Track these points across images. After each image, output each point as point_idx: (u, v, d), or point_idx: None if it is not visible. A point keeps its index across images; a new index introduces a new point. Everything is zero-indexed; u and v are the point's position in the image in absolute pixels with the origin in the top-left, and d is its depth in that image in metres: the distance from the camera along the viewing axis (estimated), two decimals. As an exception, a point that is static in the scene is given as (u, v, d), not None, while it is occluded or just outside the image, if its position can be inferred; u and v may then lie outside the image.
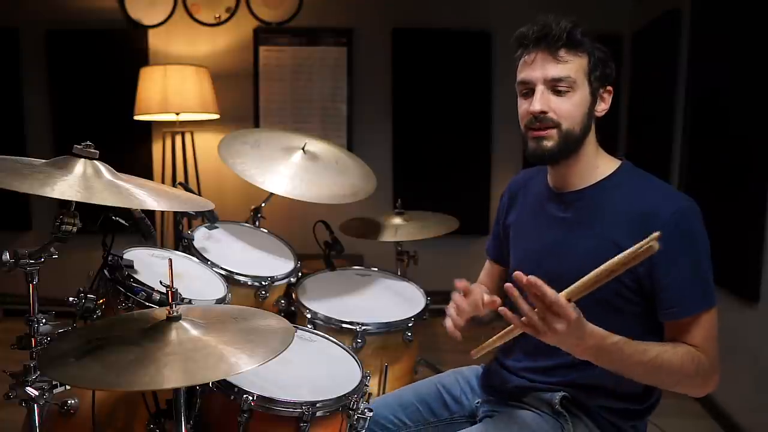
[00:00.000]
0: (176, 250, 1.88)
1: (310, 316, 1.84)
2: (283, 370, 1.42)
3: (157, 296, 1.46)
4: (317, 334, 1.65)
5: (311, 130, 4.01)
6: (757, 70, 2.52)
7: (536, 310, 1.08)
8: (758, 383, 2.53)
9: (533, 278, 1.05)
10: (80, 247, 1.83)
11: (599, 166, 1.36)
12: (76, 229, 1.17)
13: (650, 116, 3.53)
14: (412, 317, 1.89)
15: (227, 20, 4.17)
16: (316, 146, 2.18)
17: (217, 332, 1.13)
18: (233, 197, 3.72)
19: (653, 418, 1.40)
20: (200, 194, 3.47)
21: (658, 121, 3.49)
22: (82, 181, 1.14)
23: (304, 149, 2.13)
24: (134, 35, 4.13)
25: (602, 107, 1.35)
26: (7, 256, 1.16)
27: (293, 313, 1.93)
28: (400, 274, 2.33)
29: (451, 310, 1.35)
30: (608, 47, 1.35)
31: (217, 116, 3.87)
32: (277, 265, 2.00)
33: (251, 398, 1.28)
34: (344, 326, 1.80)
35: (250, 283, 1.87)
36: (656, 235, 0.99)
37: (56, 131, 4.14)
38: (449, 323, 1.35)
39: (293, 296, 1.94)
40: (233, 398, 1.30)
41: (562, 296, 1.06)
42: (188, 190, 2.04)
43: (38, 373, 1.20)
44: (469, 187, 4.24)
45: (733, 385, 2.61)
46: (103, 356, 1.06)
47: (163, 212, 3.86)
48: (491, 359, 1.57)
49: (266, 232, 2.17)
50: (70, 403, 1.43)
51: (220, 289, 1.74)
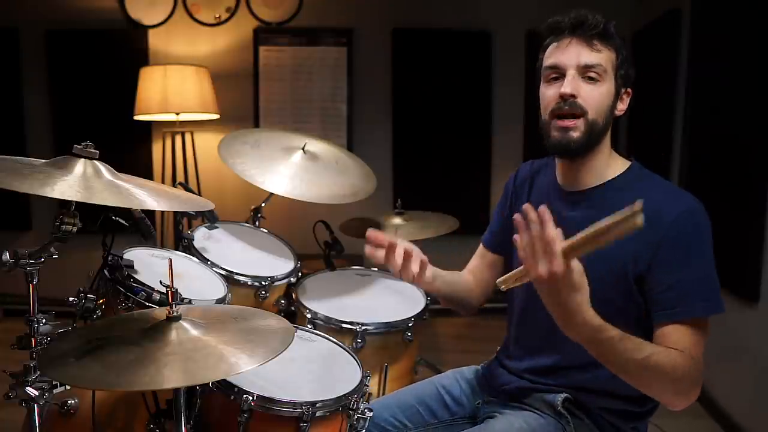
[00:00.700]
0: (176, 250, 1.88)
1: (310, 316, 1.84)
2: (283, 370, 1.42)
3: (157, 296, 1.46)
4: (317, 334, 1.65)
5: (311, 130, 4.01)
6: (757, 70, 2.52)
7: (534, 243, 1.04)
8: (758, 383, 2.53)
9: (543, 209, 1.03)
10: (80, 247, 1.83)
11: (610, 166, 1.35)
12: (76, 229, 1.17)
13: (650, 116, 3.52)
14: (412, 317, 1.89)
15: (227, 20, 4.17)
16: (316, 146, 2.18)
17: (217, 332, 1.13)
18: (233, 197, 3.72)
19: (653, 418, 1.40)
20: (200, 194, 3.47)
21: (658, 121, 3.49)
22: (82, 181, 1.13)
23: (304, 149, 2.13)
24: (134, 35, 4.13)
25: (621, 107, 1.35)
26: (7, 256, 1.16)
27: (293, 313, 1.93)
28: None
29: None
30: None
31: (217, 116, 3.87)
32: (277, 265, 2.00)
33: (251, 398, 1.28)
34: (344, 326, 1.80)
35: (250, 283, 1.87)
36: (639, 204, 0.94)
37: (56, 131, 4.14)
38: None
39: (293, 296, 1.94)
40: (233, 398, 1.30)
41: (560, 245, 1.03)
42: (188, 190, 2.04)
43: (38, 373, 1.20)
44: (469, 187, 4.23)
45: (733, 385, 2.61)
46: (103, 356, 1.06)
47: (163, 212, 3.85)
48: (492, 359, 1.57)
49: (266, 232, 2.17)
50: (70, 403, 1.42)
51: (220, 289, 1.74)
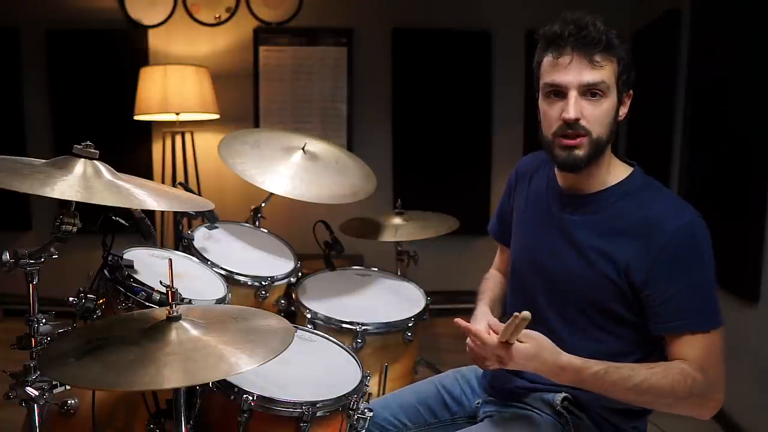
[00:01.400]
0: (176, 250, 1.88)
1: (310, 316, 1.84)
2: (283, 370, 1.42)
3: (157, 296, 1.46)
4: (317, 334, 1.65)
5: (311, 130, 4.01)
6: (757, 70, 2.52)
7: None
8: (758, 383, 2.53)
9: (465, 325, 1.21)
10: (80, 247, 1.83)
11: (611, 171, 1.32)
12: (76, 229, 1.17)
13: (650, 116, 3.52)
14: (412, 317, 1.89)
15: (227, 20, 4.17)
16: (316, 146, 2.18)
17: (217, 332, 1.13)
18: (233, 197, 3.72)
19: (653, 418, 1.40)
20: (200, 194, 3.47)
21: (658, 121, 3.48)
22: (82, 181, 1.13)
23: (304, 149, 2.13)
24: (134, 35, 4.12)
25: (623, 111, 1.30)
26: (7, 256, 1.16)
27: (293, 313, 1.93)
28: (400, 274, 2.33)
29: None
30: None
31: (217, 116, 3.87)
32: (277, 265, 2.00)
33: (251, 398, 1.28)
34: (344, 326, 1.80)
35: (250, 283, 1.87)
36: (526, 315, 1.11)
37: (56, 131, 4.13)
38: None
39: (293, 296, 1.94)
40: (233, 398, 1.30)
41: (497, 338, 1.17)
42: (188, 190, 2.04)
43: (38, 373, 1.20)
44: (469, 187, 4.23)
45: (733, 385, 2.59)
46: (103, 356, 1.06)
47: (163, 212, 3.85)
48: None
49: (266, 232, 2.17)
50: (70, 403, 1.42)
51: (220, 289, 1.74)
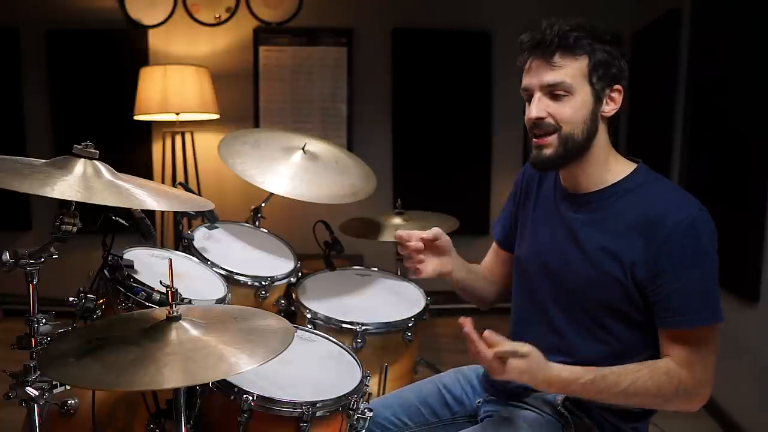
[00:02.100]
0: (176, 250, 1.88)
1: (310, 316, 1.84)
2: (283, 370, 1.42)
3: (157, 296, 1.46)
4: (317, 334, 1.65)
5: (311, 130, 4.01)
6: (757, 70, 2.52)
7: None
8: (758, 383, 2.53)
9: (467, 331, 1.15)
10: (80, 247, 1.83)
11: (611, 169, 1.32)
12: (76, 229, 1.17)
13: (650, 116, 3.52)
14: (412, 317, 1.89)
15: (227, 20, 4.17)
16: (316, 146, 2.18)
17: (217, 332, 1.13)
18: (233, 197, 3.72)
19: (653, 418, 1.40)
20: (200, 194, 3.47)
21: (658, 120, 3.49)
22: (82, 181, 1.13)
23: (304, 149, 2.13)
24: (134, 35, 4.13)
25: (611, 107, 1.31)
26: (7, 256, 1.16)
27: (293, 313, 1.93)
28: (400, 274, 2.33)
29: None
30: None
31: (217, 116, 3.87)
32: (277, 265, 2.00)
33: (251, 398, 1.28)
34: (344, 326, 1.80)
35: (250, 283, 1.87)
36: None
37: (56, 131, 4.14)
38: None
39: (293, 296, 1.94)
40: (233, 398, 1.30)
41: (493, 351, 1.15)
42: (188, 190, 2.04)
43: (38, 373, 1.20)
44: (469, 187, 4.24)
45: (733, 385, 2.61)
46: (103, 356, 1.06)
47: (163, 212, 3.85)
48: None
49: (266, 232, 2.17)
50: (70, 403, 1.42)
51: (220, 289, 1.74)
